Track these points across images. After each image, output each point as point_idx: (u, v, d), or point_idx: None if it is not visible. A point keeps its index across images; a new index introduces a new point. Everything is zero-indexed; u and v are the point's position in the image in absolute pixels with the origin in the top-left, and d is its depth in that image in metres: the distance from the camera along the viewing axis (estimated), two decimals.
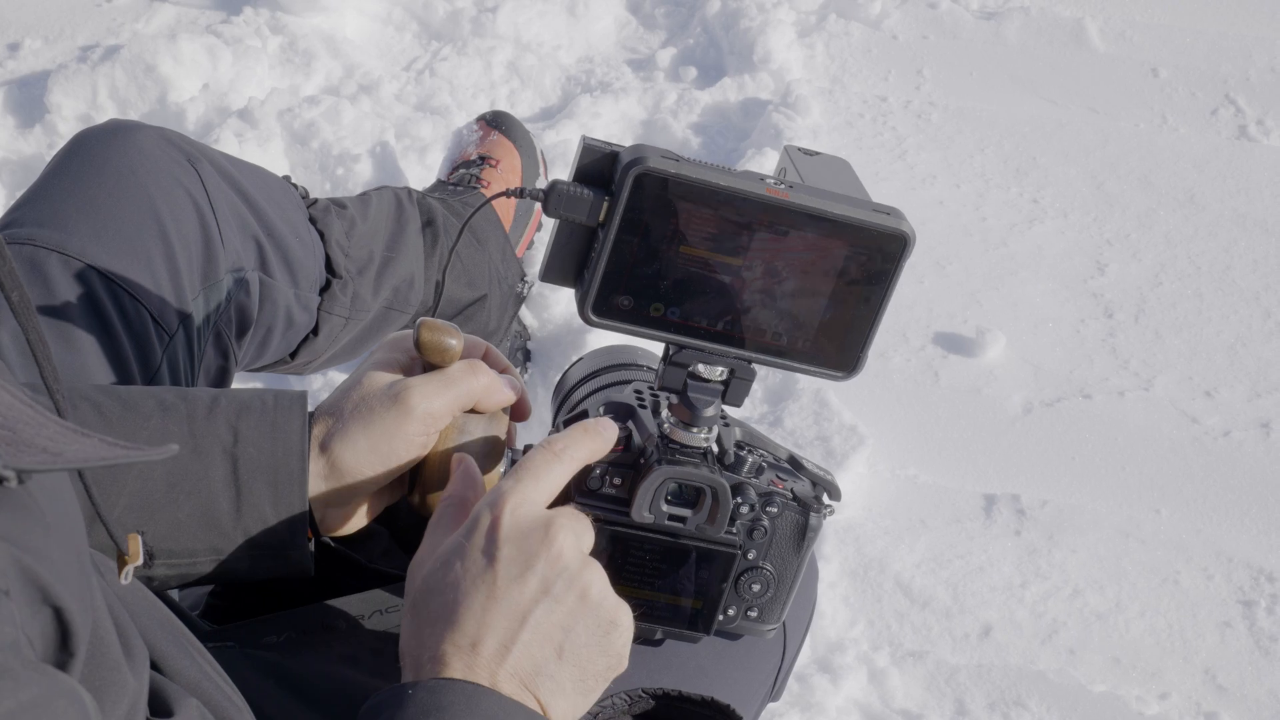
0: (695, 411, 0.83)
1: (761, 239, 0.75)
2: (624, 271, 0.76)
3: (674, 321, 0.78)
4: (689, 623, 0.90)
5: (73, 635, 0.56)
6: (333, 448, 0.88)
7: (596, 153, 0.76)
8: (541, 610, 0.77)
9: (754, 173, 0.75)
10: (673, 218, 0.74)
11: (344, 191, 2.04)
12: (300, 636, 0.93)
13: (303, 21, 2.42)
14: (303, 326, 1.37)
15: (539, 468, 0.80)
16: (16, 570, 0.52)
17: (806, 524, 0.88)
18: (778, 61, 2.46)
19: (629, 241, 0.75)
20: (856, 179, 0.83)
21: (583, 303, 0.77)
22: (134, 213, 1.12)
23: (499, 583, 0.76)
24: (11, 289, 0.60)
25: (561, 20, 2.55)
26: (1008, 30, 2.67)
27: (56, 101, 2.18)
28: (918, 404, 1.90)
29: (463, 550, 0.78)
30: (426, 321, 0.89)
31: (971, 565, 1.68)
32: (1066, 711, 1.52)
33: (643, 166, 0.73)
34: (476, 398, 0.89)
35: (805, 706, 1.49)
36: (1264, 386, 1.95)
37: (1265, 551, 1.72)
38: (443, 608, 0.77)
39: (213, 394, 0.90)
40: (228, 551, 0.87)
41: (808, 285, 0.77)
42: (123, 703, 0.62)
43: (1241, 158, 2.39)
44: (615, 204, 0.74)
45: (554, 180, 0.75)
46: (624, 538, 0.84)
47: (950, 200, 2.26)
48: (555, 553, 0.77)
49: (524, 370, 1.90)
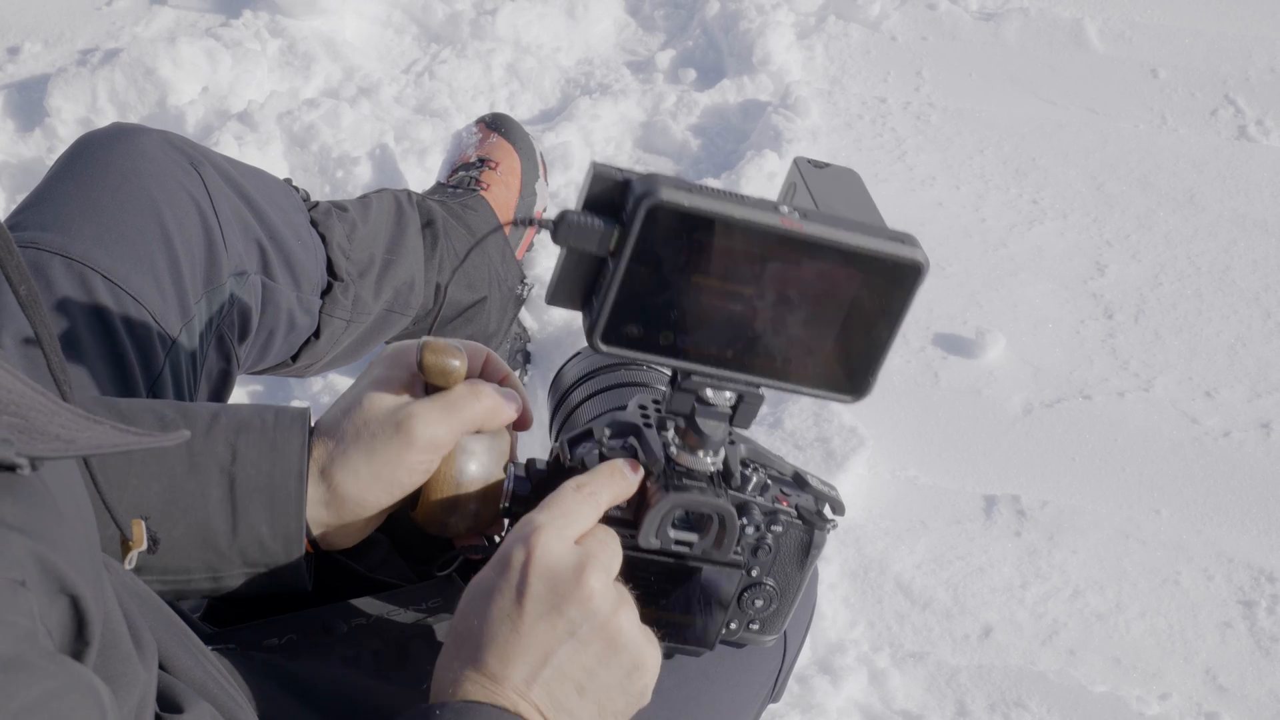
0: (703, 437, 0.82)
1: (774, 267, 0.74)
2: (634, 301, 0.74)
3: (684, 348, 0.77)
4: (694, 639, 0.90)
5: (88, 624, 0.56)
6: (334, 474, 0.87)
7: (607, 180, 0.73)
8: (566, 650, 0.77)
9: (768, 200, 0.73)
10: (685, 248, 0.73)
11: (343, 194, 2.04)
12: (301, 639, 0.93)
13: (302, 24, 2.42)
14: (304, 329, 1.37)
15: (571, 508, 0.80)
16: (33, 560, 0.52)
17: (811, 541, 0.88)
18: (777, 63, 2.46)
19: (640, 271, 0.73)
20: (867, 194, 0.81)
21: (591, 331, 0.75)
22: (137, 216, 1.12)
23: (525, 620, 0.77)
24: (19, 283, 0.60)
25: (561, 22, 2.55)
26: (1007, 31, 2.68)
27: (56, 105, 2.18)
28: (918, 405, 1.90)
29: (495, 584, 0.78)
30: (430, 343, 0.88)
31: (972, 566, 1.68)
32: (1067, 712, 1.52)
33: (656, 199, 0.70)
34: (480, 422, 0.89)
35: (806, 708, 1.49)
36: (1264, 387, 1.96)
37: (1266, 552, 1.72)
38: (470, 637, 0.78)
39: (213, 410, 0.90)
40: (223, 570, 0.87)
41: (820, 312, 0.76)
42: (134, 695, 0.62)
43: (1241, 158, 2.39)
44: (627, 235, 0.72)
45: (564, 210, 0.73)
46: (629, 560, 0.84)
47: (950, 201, 2.26)
48: (585, 594, 0.77)
49: (524, 372, 1.90)
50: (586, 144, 2.28)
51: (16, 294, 0.60)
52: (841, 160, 2.31)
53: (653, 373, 1.04)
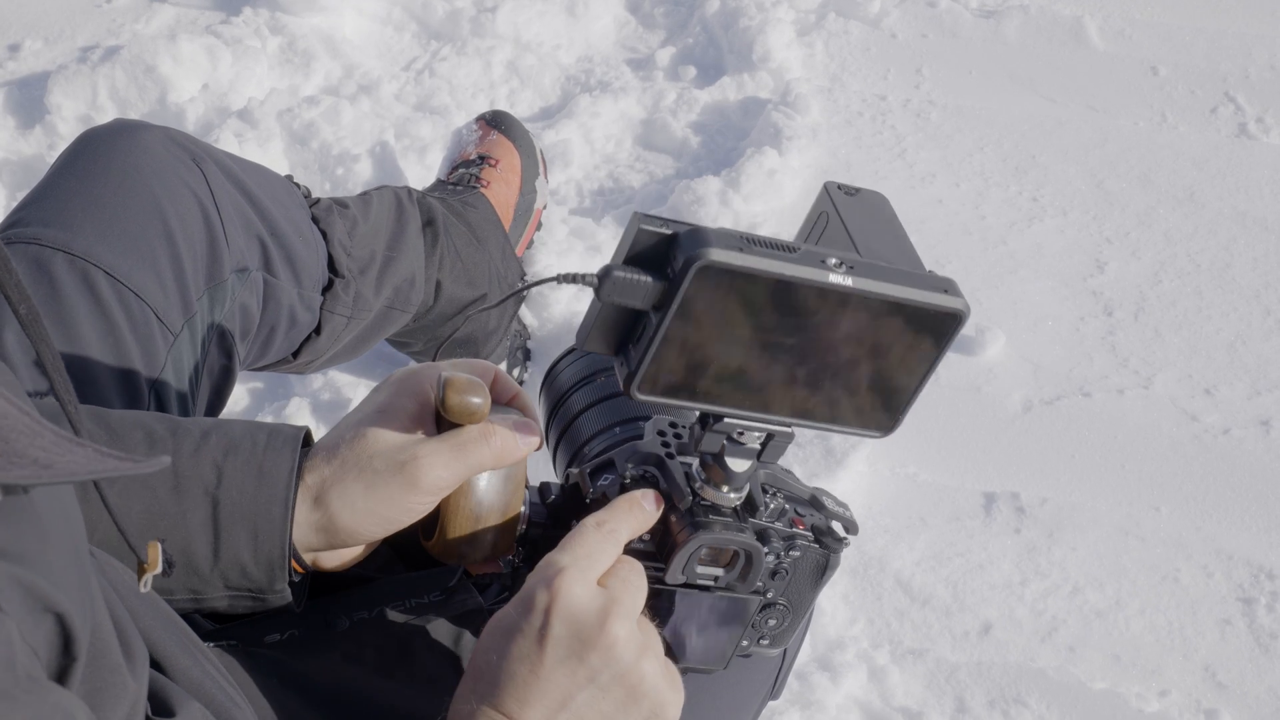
0: (730, 474, 0.82)
1: (820, 319, 0.73)
2: (674, 353, 0.73)
3: (719, 395, 0.76)
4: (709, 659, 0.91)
5: (74, 640, 0.56)
6: (329, 502, 0.85)
7: (652, 235, 0.72)
8: (585, 696, 0.77)
9: (815, 252, 0.72)
10: (731, 304, 0.71)
11: (344, 191, 2.04)
12: (302, 635, 0.93)
13: (302, 22, 2.42)
14: (305, 326, 1.37)
15: (593, 549, 0.79)
16: (13, 585, 0.51)
17: (827, 563, 0.89)
18: (777, 60, 2.46)
19: (683, 328, 0.72)
20: (899, 225, 0.81)
21: (629, 382, 0.74)
22: (139, 212, 1.12)
23: (545, 664, 0.76)
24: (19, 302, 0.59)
25: (561, 20, 2.55)
26: (1007, 28, 2.68)
27: (57, 102, 2.18)
28: (917, 402, 1.89)
29: (517, 624, 0.77)
30: (452, 381, 0.85)
31: (971, 563, 1.68)
32: (1066, 709, 1.53)
33: (706, 260, 0.69)
34: (489, 466, 0.86)
35: (805, 704, 1.50)
36: (1264, 384, 1.96)
37: (1265, 549, 1.73)
38: (488, 674, 0.78)
39: (204, 428, 0.88)
40: (205, 592, 0.86)
41: (858, 357, 0.76)
42: (123, 704, 0.62)
43: (1241, 155, 2.39)
44: (672, 292, 0.70)
45: (608, 267, 0.71)
46: (654, 592, 0.84)
47: (949, 199, 2.26)
48: (608, 643, 0.76)
49: (524, 369, 1.90)
50: (587, 141, 2.29)
51: (16, 314, 0.59)
52: (841, 158, 2.31)
53: None
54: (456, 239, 1.68)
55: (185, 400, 1.13)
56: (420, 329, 1.67)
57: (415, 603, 0.95)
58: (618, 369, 0.76)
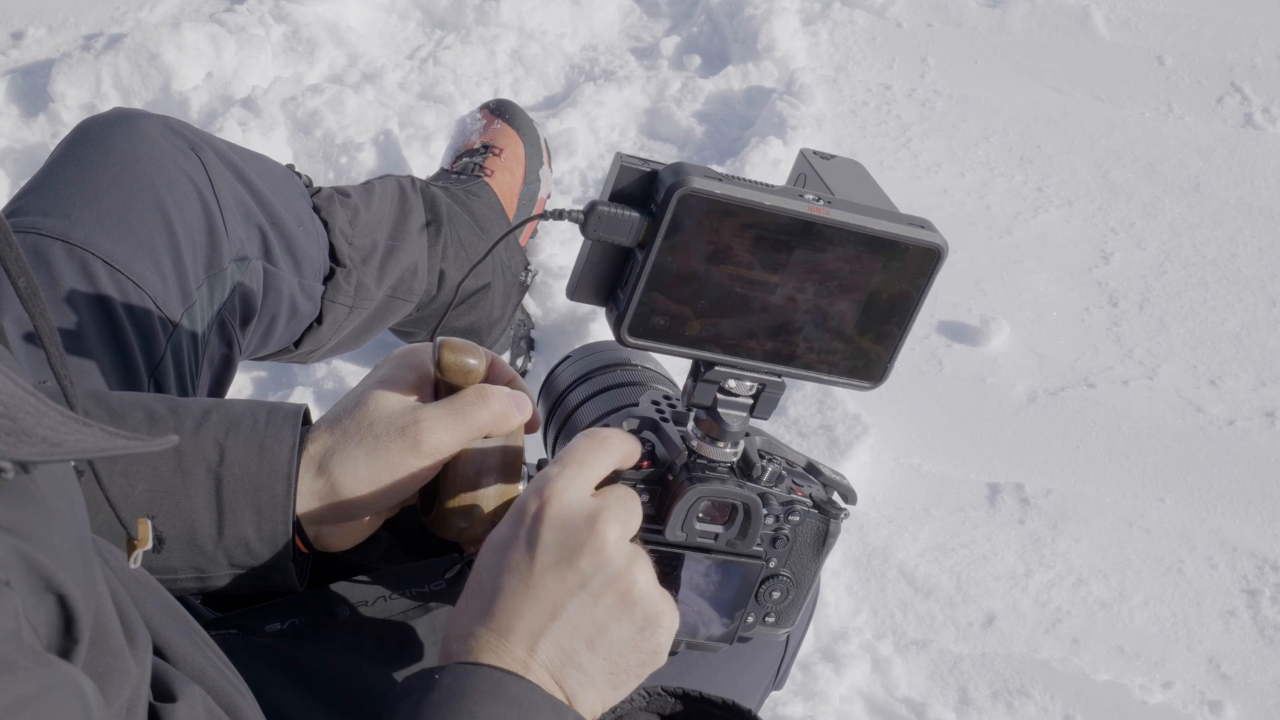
0: (724, 427, 0.82)
1: (798, 255, 0.74)
2: (661, 292, 0.74)
3: (709, 339, 0.77)
4: (713, 635, 0.90)
5: (76, 622, 0.55)
6: (332, 469, 0.85)
7: (634, 172, 0.73)
8: (576, 604, 0.76)
9: (793, 188, 0.74)
10: (713, 237, 0.73)
11: (347, 180, 2.04)
12: (303, 624, 0.93)
13: (306, 10, 2.42)
14: (307, 315, 1.37)
15: (585, 454, 0.79)
16: (18, 560, 0.52)
17: (827, 530, 0.88)
18: (782, 49, 2.45)
19: (667, 262, 0.73)
20: (876, 183, 0.82)
21: (618, 325, 0.75)
22: (138, 201, 1.12)
23: (535, 572, 0.76)
24: (18, 275, 0.60)
25: (565, 8, 2.55)
26: (1012, 18, 2.67)
27: (60, 90, 2.18)
28: (921, 393, 1.89)
29: (508, 538, 0.77)
30: (448, 342, 0.86)
31: (975, 554, 1.68)
32: (1070, 700, 1.52)
33: (687, 188, 0.71)
34: (489, 428, 0.87)
35: (809, 695, 1.49)
36: (1269, 375, 1.95)
37: (1270, 540, 1.72)
38: (481, 591, 0.77)
39: (205, 407, 0.88)
40: (209, 570, 0.86)
41: (841, 299, 0.76)
42: (125, 689, 0.62)
43: (1247, 146, 2.38)
44: (656, 225, 0.72)
45: (593, 201, 0.73)
46: (654, 554, 0.83)
47: (954, 189, 2.25)
48: (598, 545, 0.76)
49: (527, 359, 1.90)
50: (591, 130, 2.28)
51: (15, 287, 0.60)
52: (846, 148, 2.31)
53: (649, 372, 1.03)
54: (460, 228, 1.68)
55: (185, 389, 1.13)
56: (423, 318, 1.67)
57: (416, 591, 0.95)
58: (607, 316, 0.77)
